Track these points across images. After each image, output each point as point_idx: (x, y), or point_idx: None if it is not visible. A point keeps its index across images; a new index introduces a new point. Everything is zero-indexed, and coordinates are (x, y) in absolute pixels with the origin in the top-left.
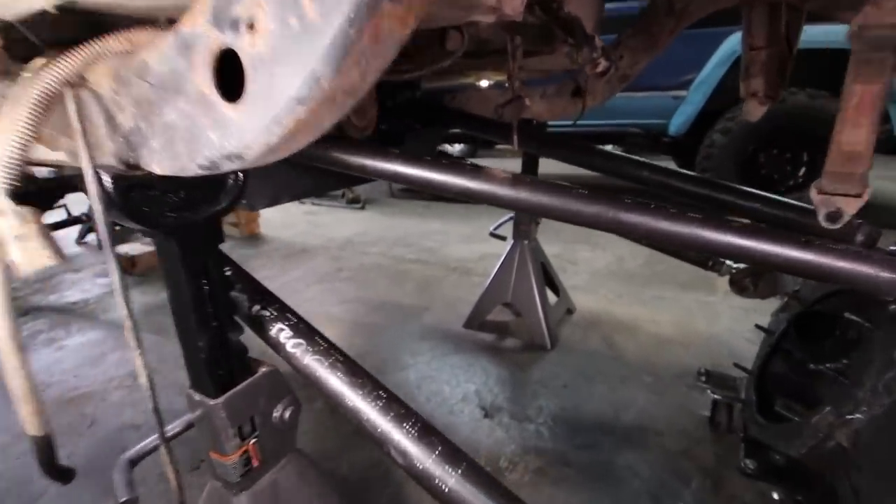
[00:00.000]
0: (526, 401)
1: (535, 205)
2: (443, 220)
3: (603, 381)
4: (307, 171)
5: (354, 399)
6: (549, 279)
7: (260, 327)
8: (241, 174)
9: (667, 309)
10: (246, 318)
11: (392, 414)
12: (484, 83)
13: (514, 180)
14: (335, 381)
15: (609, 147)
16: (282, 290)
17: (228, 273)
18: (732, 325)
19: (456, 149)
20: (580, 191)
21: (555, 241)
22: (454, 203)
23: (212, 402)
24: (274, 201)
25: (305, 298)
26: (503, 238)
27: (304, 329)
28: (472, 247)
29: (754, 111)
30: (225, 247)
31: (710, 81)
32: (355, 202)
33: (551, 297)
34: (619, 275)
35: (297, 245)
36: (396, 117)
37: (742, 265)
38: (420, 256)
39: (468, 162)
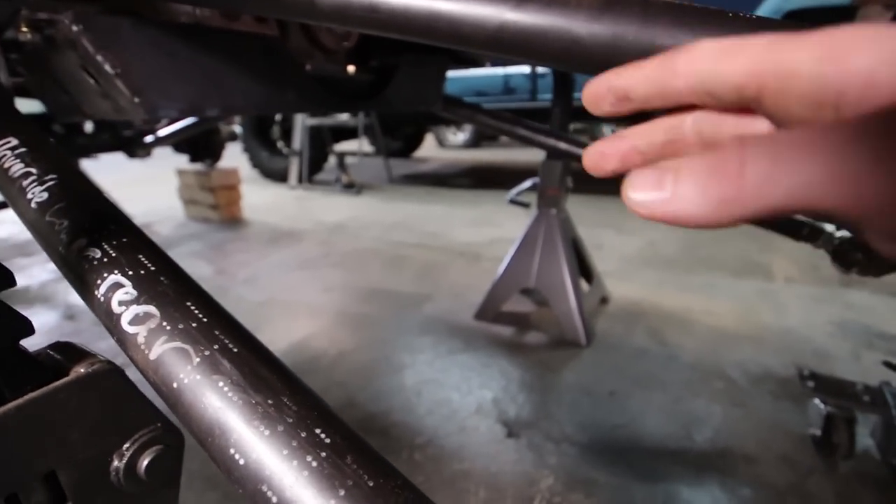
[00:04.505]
0: (562, 414)
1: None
2: (446, 204)
3: (661, 387)
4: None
5: (250, 442)
6: (580, 260)
7: (79, 278)
8: None
9: (721, 298)
10: (56, 257)
11: (344, 482)
12: None
13: None
14: (210, 398)
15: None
16: (258, 276)
17: (14, 147)
18: (806, 316)
19: (459, 138)
20: None
21: (575, 223)
22: (459, 188)
23: None
24: (192, 108)
25: (284, 285)
26: (526, 205)
27: (164, 290)
28: (480, 230)
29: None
30: (200, 231)
31: None
32: (351, 186)
33: (583, 284)
34: (654, 261)
35: (282, 229)
36: (386, 44)
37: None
38: (421, 241)
39: None
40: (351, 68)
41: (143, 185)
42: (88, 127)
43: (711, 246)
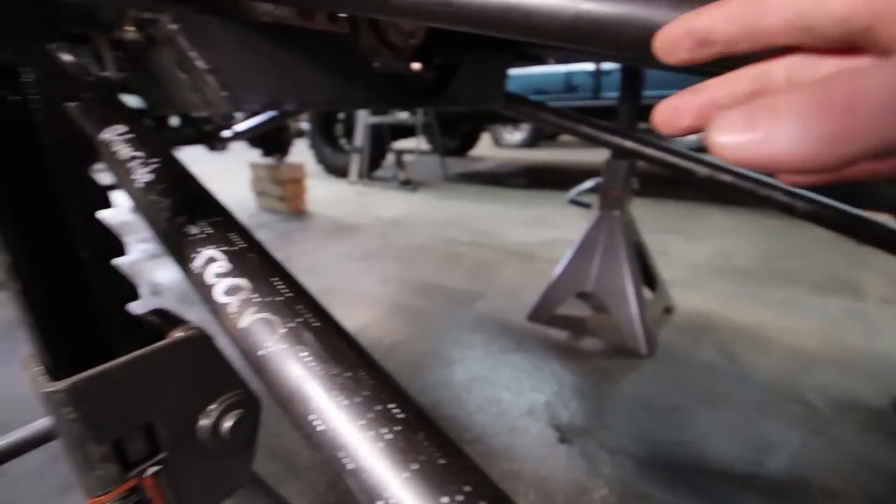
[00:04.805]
0: (619, 424)
1: None
2: (501, 203)
3: (730, 406)
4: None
5: (329, 410)
6: (643, 266)
7: (178, 251)
8: None
9: (802, 316)
10: (158, 231)
11: (415, 458)
12: None
13: None
14: (293, 366)
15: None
16: (320, 265)
17: (122, 133)
18: None
19: (516, 137)
20: None
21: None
22: (514, 188)
23: (48, 386)
24: (271, 102)
25: (344, 275)
26: (587, 206)
27: (253, 266)
28: (535, 231)
29: None
30: (269, 220)
31: None
32: (407, 183)
33: (646, 292)
34: (726, 271)
35: (342, 222)
36: (450, 41)
37: None
38: (474, 239)
39: None
40: (416, 65)
41: (220, 177)
42: (174, 121)
43: (792, 258)
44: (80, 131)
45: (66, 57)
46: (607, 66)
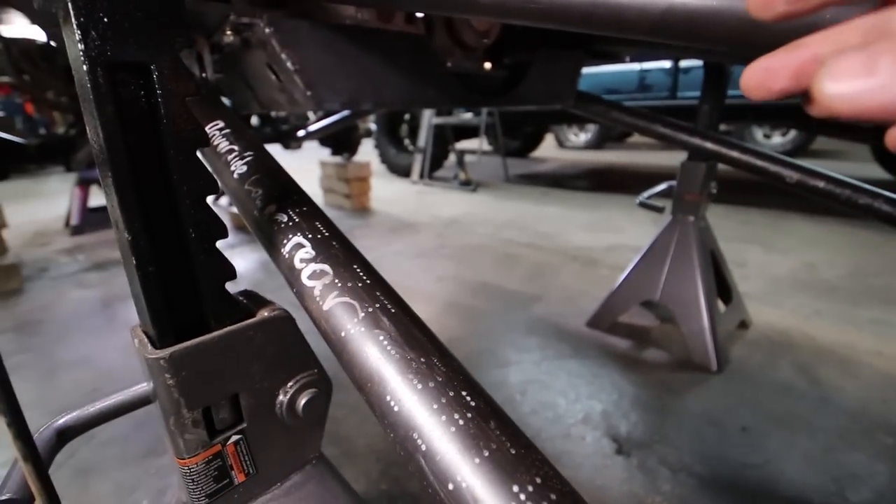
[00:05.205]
0: (681, 441)
1: None
2: (562, 206)
3: (808, 431)
4: (391, 59)
5: (404, 393)
6: (718, 277)
7: (268, 237)
8: None
9: None
10: (250, 218)
11: (486, 444)
12: None
13: None
14: (371, 349)
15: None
16: (380, 260)
17: (221, 129)
18: None
19: (581, 139)
20: None
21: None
22: (577, 190)
23: (151, 353)
24: (351, 101)
25: (402, 271)
26: (658, 210)
27: (336, 253)
28: (598, 235)
29: None
30: (334, 217)
31: None
32: (467, 184)
33: (719, 304)
34: (811, 286)
35: (403, 220)
36: (522, 40)
37: None
38: (533, 241)
39: None
40: (487, 65)
41: (292, 174)
42: (254, 121)
43: (889, 275)
44: (193, 124)
45: None
46: (685, 63)
